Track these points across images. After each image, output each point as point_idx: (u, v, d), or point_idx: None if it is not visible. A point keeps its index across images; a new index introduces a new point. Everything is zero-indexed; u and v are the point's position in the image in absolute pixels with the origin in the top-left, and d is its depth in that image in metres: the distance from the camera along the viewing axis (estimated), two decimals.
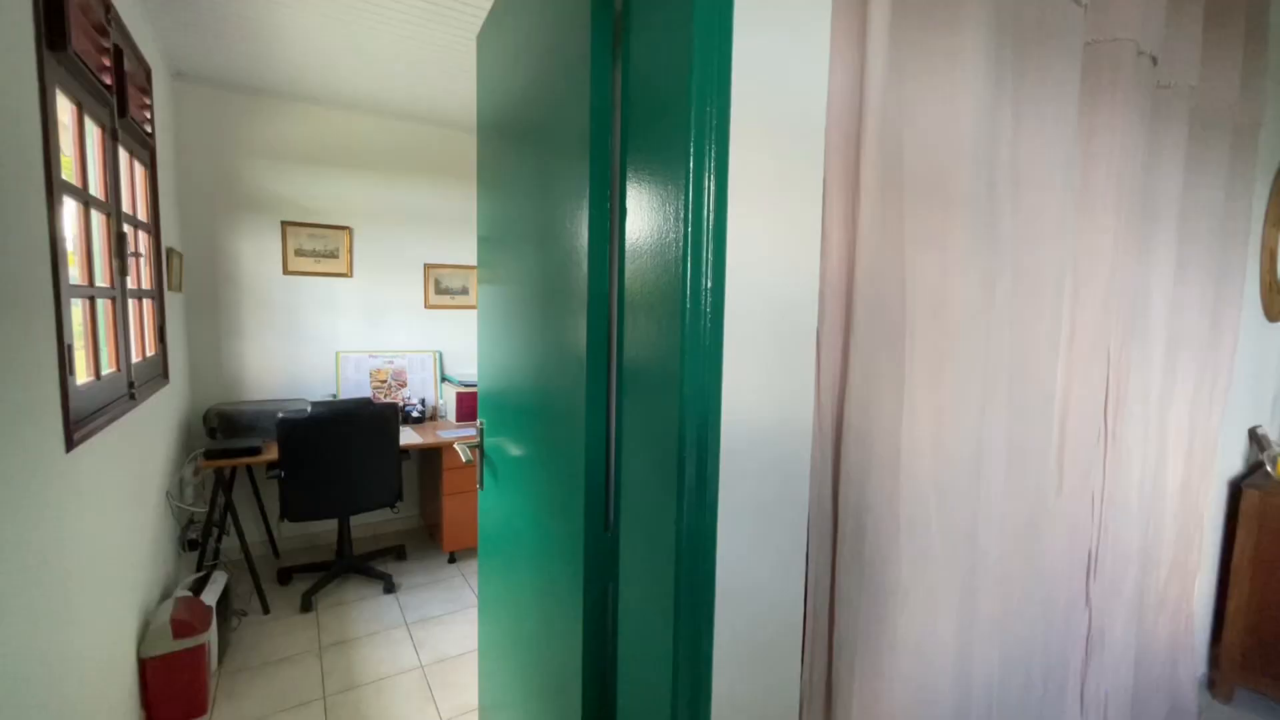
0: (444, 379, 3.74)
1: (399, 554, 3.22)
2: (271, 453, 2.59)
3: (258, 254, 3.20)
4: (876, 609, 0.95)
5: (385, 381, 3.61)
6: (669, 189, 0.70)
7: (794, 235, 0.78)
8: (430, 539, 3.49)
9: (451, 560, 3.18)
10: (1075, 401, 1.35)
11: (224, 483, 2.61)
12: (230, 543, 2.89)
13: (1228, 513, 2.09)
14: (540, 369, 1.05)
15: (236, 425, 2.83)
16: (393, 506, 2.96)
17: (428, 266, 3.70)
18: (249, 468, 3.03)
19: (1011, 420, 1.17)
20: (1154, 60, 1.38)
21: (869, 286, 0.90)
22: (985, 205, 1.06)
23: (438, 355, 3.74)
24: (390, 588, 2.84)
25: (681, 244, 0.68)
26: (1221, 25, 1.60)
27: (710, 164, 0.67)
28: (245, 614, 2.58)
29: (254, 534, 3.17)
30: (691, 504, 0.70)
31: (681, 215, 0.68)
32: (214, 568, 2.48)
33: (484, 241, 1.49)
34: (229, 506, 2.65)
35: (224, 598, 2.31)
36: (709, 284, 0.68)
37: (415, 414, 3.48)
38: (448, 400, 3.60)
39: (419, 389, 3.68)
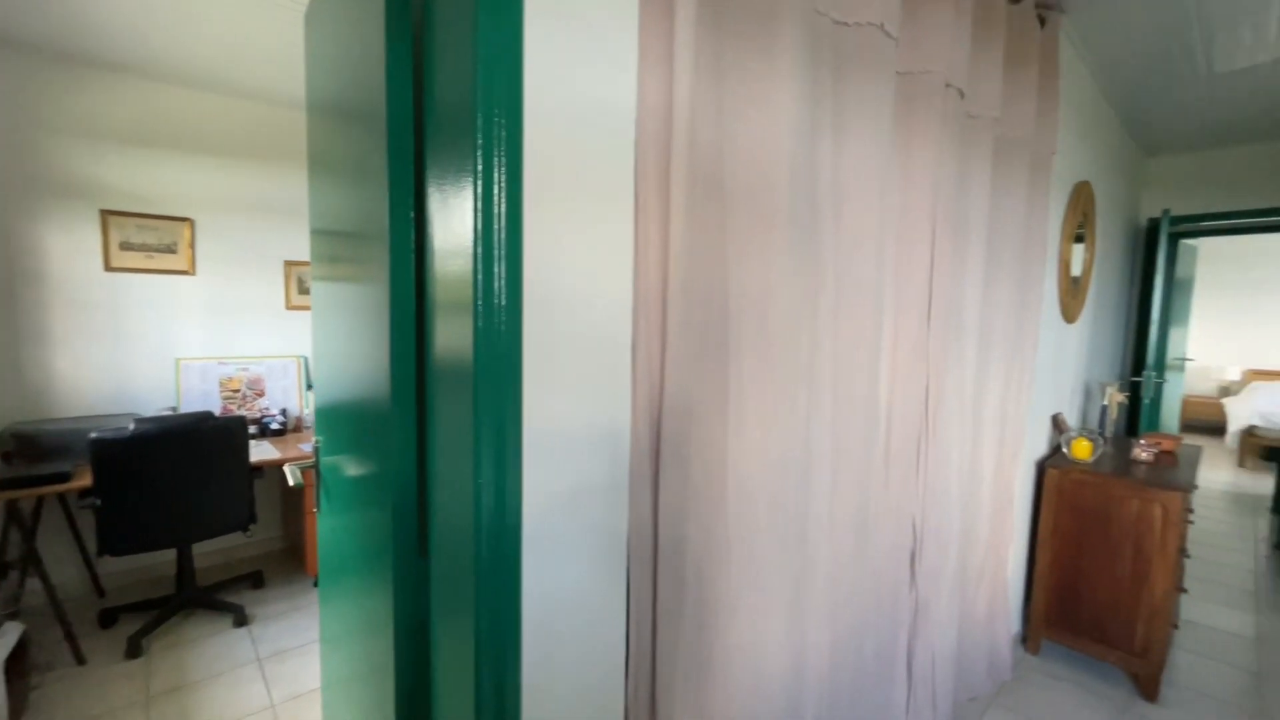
0: (309, 386, 3.44)
1: (255, 581, 2.91)
2: (85, 478, 2.24)
3: (71, 247, 2.75)
4: (704, 618, 0.98)
5: (239, 391, 3.26)
6: (462, 196, 0.67)
7: (604, 245, 0.77)
8: (293, 562, 3.20)
9: (317, 584, 2.93)
10: (899, 401, 1.48)
11: (20, 517, 2.22)
12: (37, 585, 2.47)
13: (1035, 490, 2.41)
14: (358, 379, 0.98)
15: (40, 448, 2.41)
16: (245, 530, 2.67)
17: (289, 264, 3.38)
18: (61, 496, 2.60)
19: (839, 423, 1.26)
20: (961, 93, 1.54)
21: (690, 298, 0.92)
22: (808, 220, 1.13)
23: (301, 361, 3.43)
24: (242, 620, 2.56)
25: (473, 251, 0.65)
26: (1019, 68, 1.82)
27: (500, 172, 0.65)
28: (52, 668, 2.21)
29: (70, 572, 2.73)
30: (490, 522, 0.67)
31: (472, 222, 0.65)
32: (9, 617, 2.11)
33: (315, 235, 1.36)
34: (28, 544, 2.26)
35: (18, 652, 1.96)
36: (502, 290, 0.66)
37: (275, 426, 3.17)
38: (314, 410, 3.31)
39: (280, 398, 3.36)
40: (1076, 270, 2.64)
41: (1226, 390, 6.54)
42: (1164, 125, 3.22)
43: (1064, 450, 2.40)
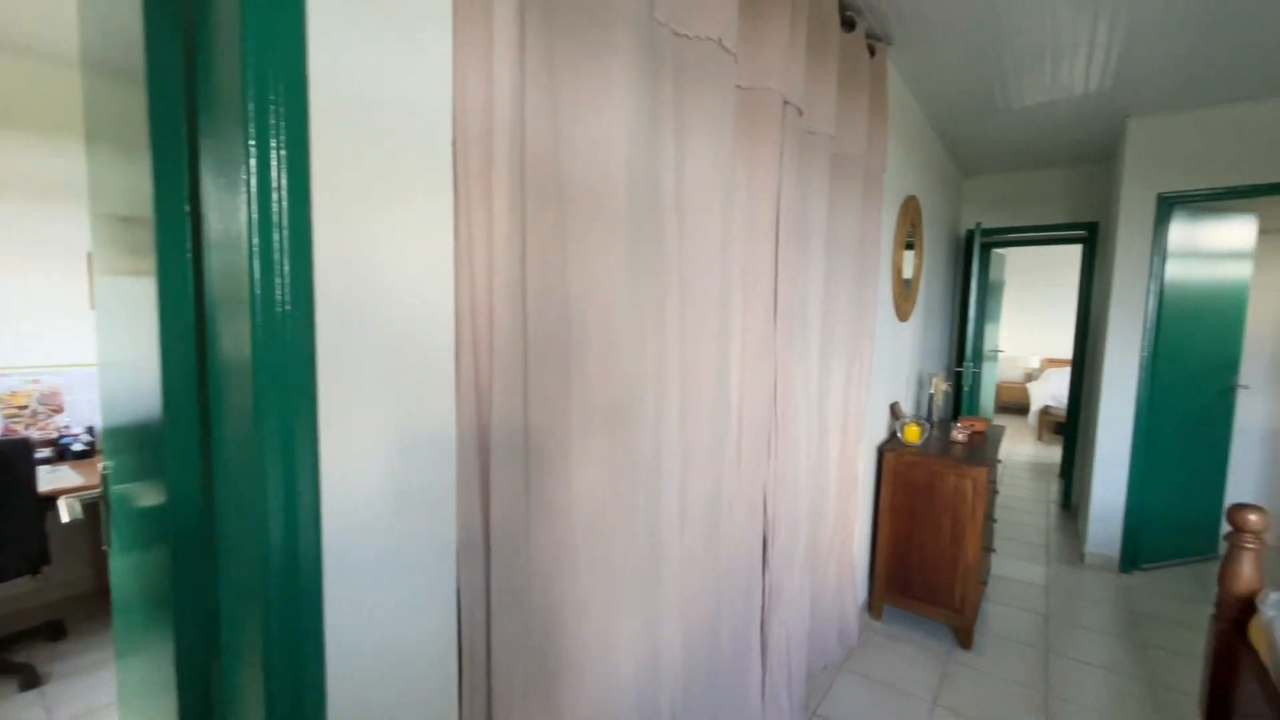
0: None
1: (53, 632, 2.45)
2: None
3: None
4: (550, 623, 0.97)
5: (26, 408, 2.72)
6: (236, 185, 0.60)
7: (419, 247, 0.73)
8: (105, 607, 2.73)
9: None
10: (749, 396, 1.58)
11: None
12: None
13: (876, 472, 2.68)
14: (139, 391, 0.84)
15: None
16: (35, 572, 2.24)
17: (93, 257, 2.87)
18: None
19: (688, 420, 1.30)
20: (799, 111, 1.66)
21: (526, 301, 0.90)
22: (653, 224, 1.15)
23: None
24: (31, 681, 2.14)
25: (249, 246, 0.58)
26: (852, 92, 2.00)
27: (279, 164, 0.59)
28: None
29: None
30: (281, 550, 0.61)
31: (246, 215, 0.58)
32: None
33: (95, 220, 1.16)
34: None
35: None
36: (286, 290, 0.59)
37: (79, 447, 2.69)
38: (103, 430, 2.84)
39: (86, 414, 2.85)
40: (908, 274, 2.97)
41: (1030, 376, 7.75)
42: (977, 149, 3.72)
43: (898, 435, 2.69)
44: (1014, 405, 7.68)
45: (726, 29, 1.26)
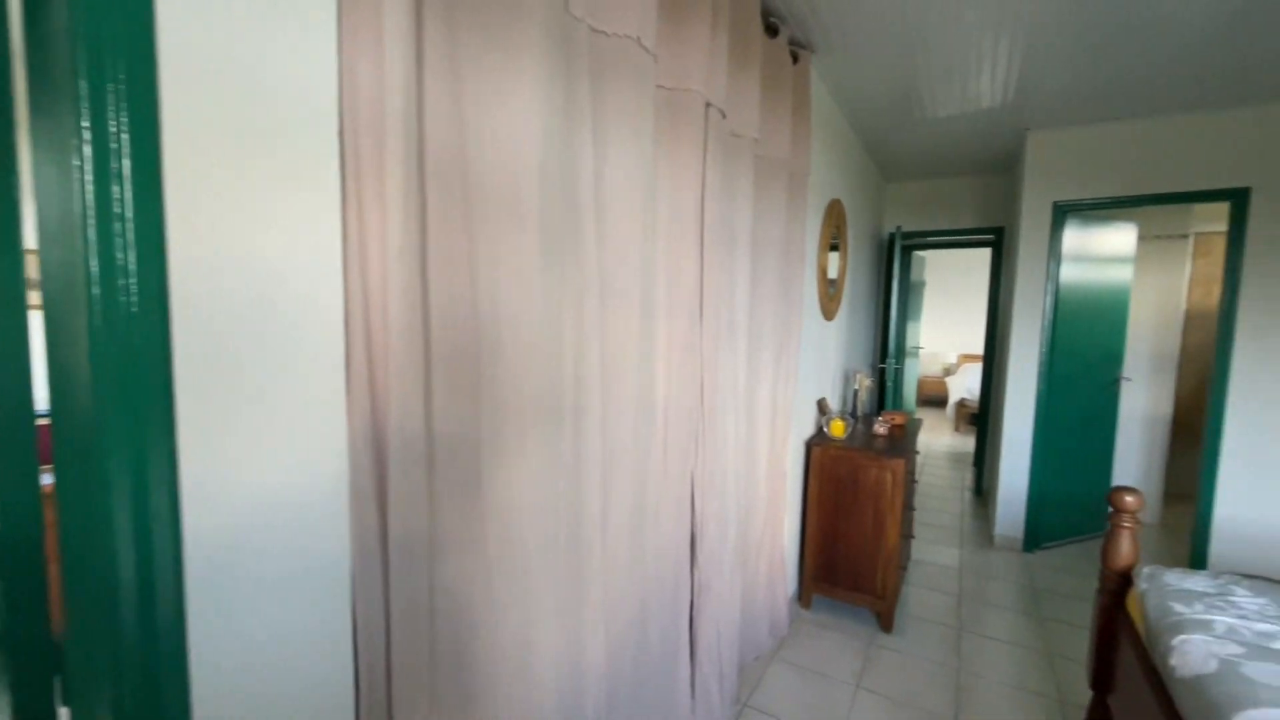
0: None
1: None
2: None
3: None
4: (462, 639, 0.93)
5: None
6: (68, 166, 0.53)
7: (296, 243, 0.68)
8: None
9: None
10: (676, 396, 1.58)
11: None
12: None
13: (805, 466, 2.77)
14: None
15: None
16: None
17: None
18: None
19: (611, 422, 1.29)
20: (723, 114, 1.68)
21: (429, 302, 0.86)
22: (571, 224, 1.13)
23: None
24: None
25: (83, 237, 0.52)
26: (776, 97, 2.05)
27: (121, 147, 0.52)
28: None
29: None
30: (136, 582, 0.55)
31: (81, 199, 0.52)
32: None
33: None
34: None
35: None
36: (131, 293, 0.53)
37: None
38: None
39: None
40: (833, 275, 3.09)
41: (948, 371, 8.26)
42: (897, 156, 3.91)
43: (825, 430, 2.79)
44: (934, 398, 8.16)
45: (644, 27, 1.25)
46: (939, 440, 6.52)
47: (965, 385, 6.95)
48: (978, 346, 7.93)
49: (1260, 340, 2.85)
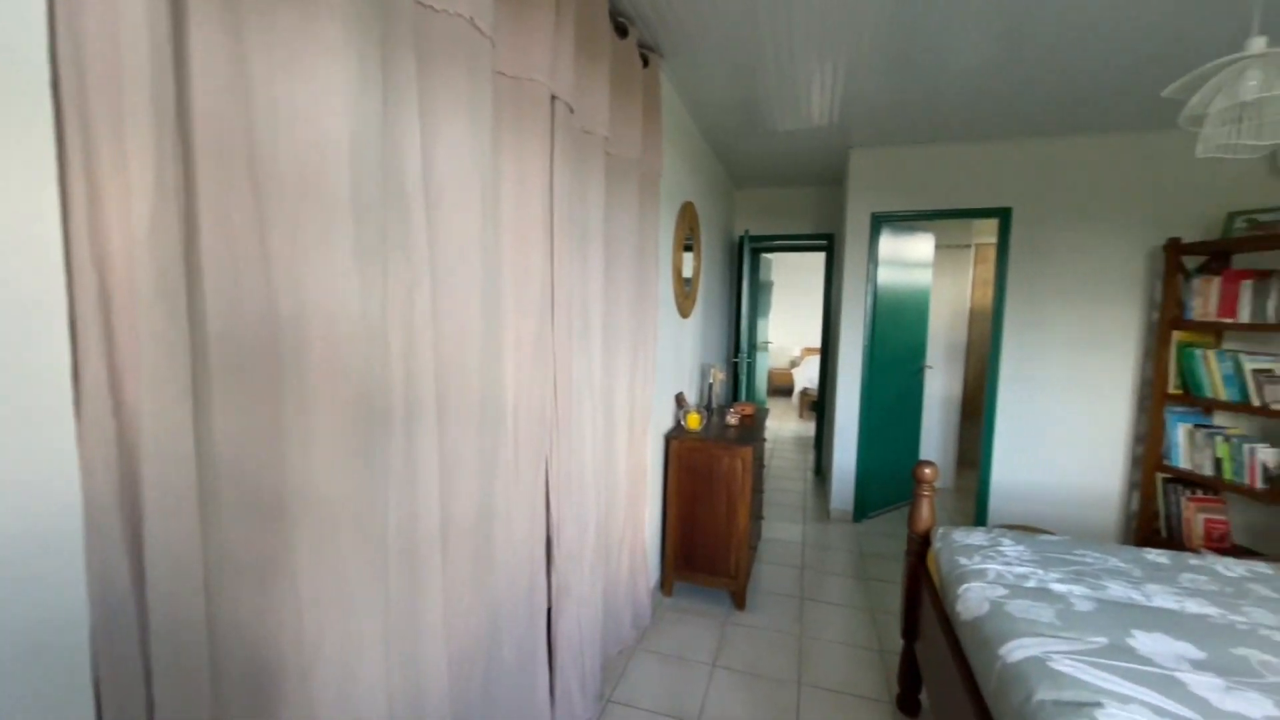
0: None
1: None
2: None
3: None
4: (258, 691, 0.80)
5: None
6: None
7: None
8: None
9: None
10: (527, 397, 1.53)
11: None
12: None
13: (665, 459, 2.86)
14: None
15: None
16: None
17: None
18: None
19: (450, 428, 1.20)
20: (570, 108, 1.65)
21: (204, 297, 0.73)
22: (396, 214, 1.03)
23: None
24: None
25: None
26: (626, 97, 2.07)
27: None
28: None
29: None
30: None
31: None
32: None
33: None
34: None
35: None
36: None
37: None
38: None
39: None
40: (688, 274, 3.22)
41: (794, 363, 9.09)
42: (745, 164, 4.19)
43: (682, 424, 2.90)
44: (783, 388, 8.93)
45: (478, 7, 1.18)
46: (786, 426, 7.15)
47: (808, 376, 7.68)
48: (818, 340, 8.83)
49: (1020, 334, 3.49)
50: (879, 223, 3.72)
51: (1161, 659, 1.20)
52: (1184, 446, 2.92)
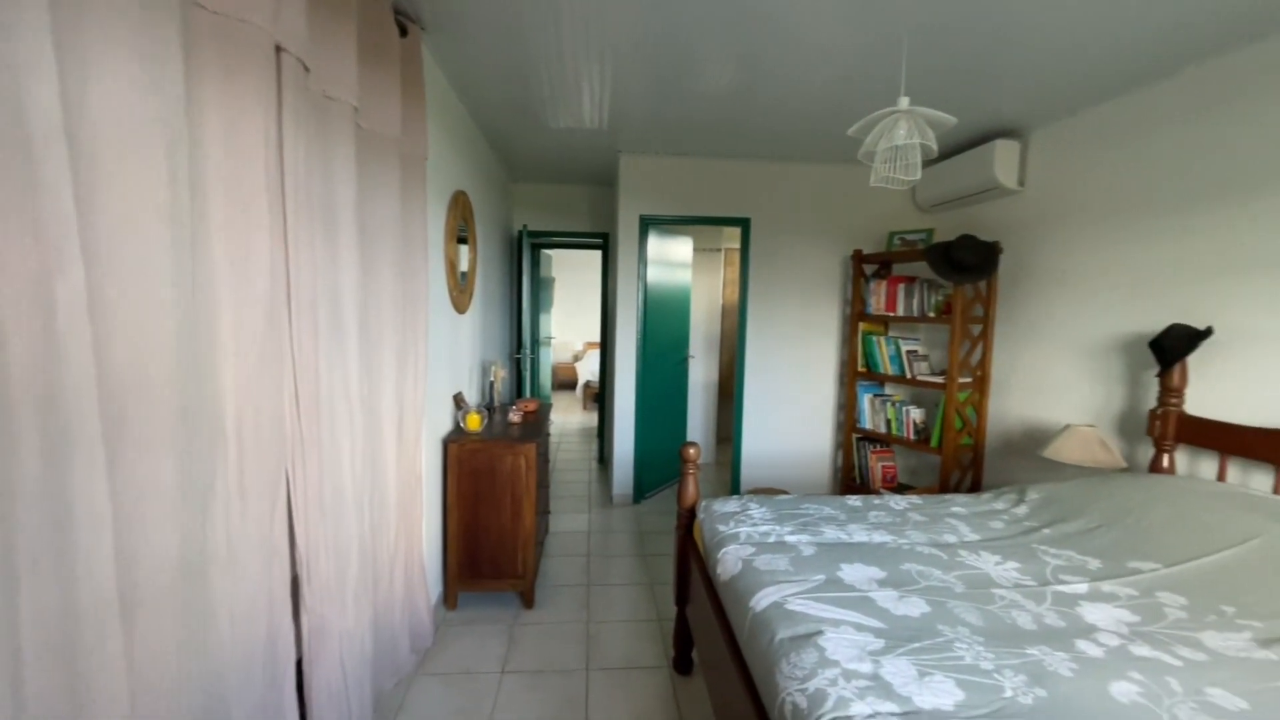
0: None
1: None
2: None
3: None
4: None
5: None
6: None
7: None
8: None
9: None
10: (254, 415, 1.25)
11: None
12: None
13: (444, 465, 2.67)
14: None
15: None
16: None
17: None
18: None
19: (129, 456, 0.92)
20: (305, 67, 1.40)
21: None
22: (16, 172, 0.74)
23: None
24: None
25: None
26: (380, 66, 1.83)
27: None
28: None
29: None
30: None
31: None
32: None
33: None
34: None
35: None
36: None
37: None
38: None
39: None
40: (464, 267, 3.04)
41: (577, 357, 9.34)
42: (523, 158, 4.12)
43: (461, 425, 2.74)
44: (567, 382, 9.12)
45: None
46: (571, 419, 7.32)
47: (590, 369, 7.98)
48: (598, 335, 9.22)
49: (760, 326, 4.11)
50: (646, 225, 4.00)
51: (859, 584, 1.52)
52: (869, 412, 3.77)
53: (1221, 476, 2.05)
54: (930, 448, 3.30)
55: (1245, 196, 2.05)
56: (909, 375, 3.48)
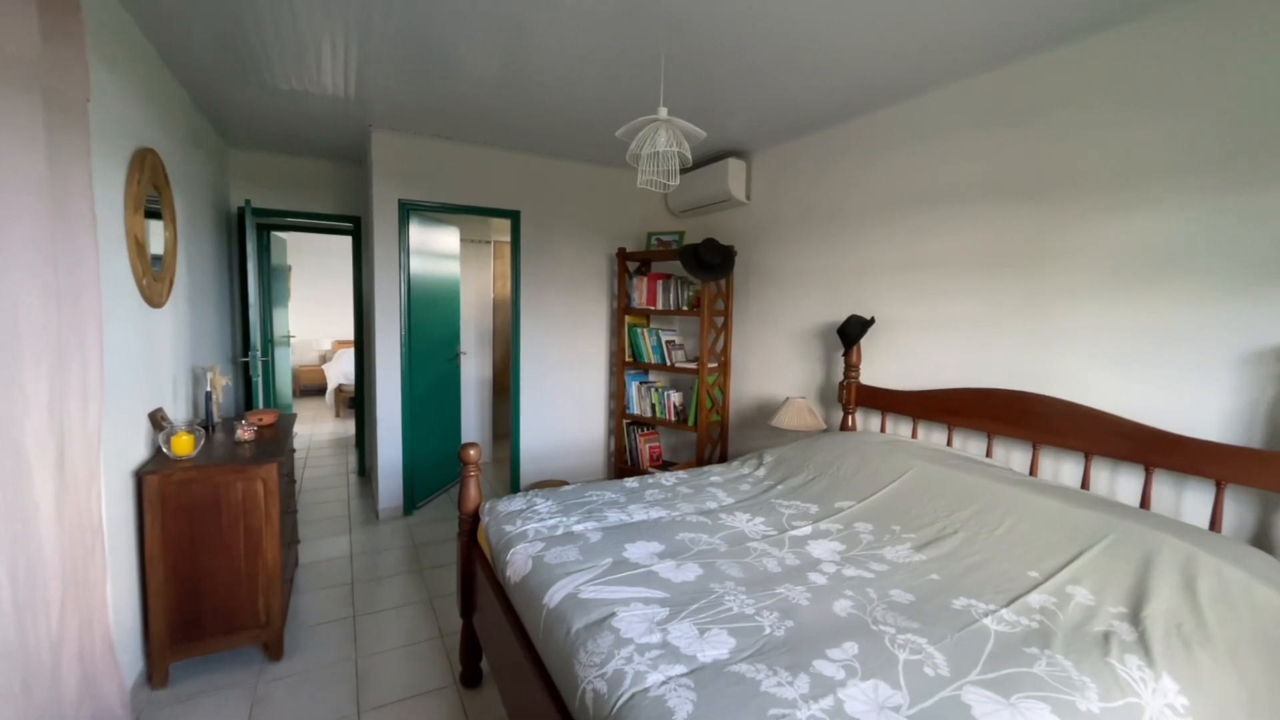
0: None
1: None
2: None
3: None
4: None
5: None
6: None
7: None
8: None
9: None
10: None
11: None
12: None
13: (138, 504, 2.06)
14: None
15: None
16: None
17: None
18: None
19: None
20: None
21: None
22: None
23: None
24: None
25: None
26: None
27: None
28: None
29: None
30: None
31: None
32: None
33: None
34: None
35: None
36: None
37: None
38: None
39: None
40: (158, 249, 2.37)
41: (324, 358, 8.12)
42: (244, 120, 3.36)
43: (165, 450, 2.15)
44: (313, 387, 7.87)
45: None
46: (322, 429, 6.35)
47: (342, 371, 7.01)
48: (350, 332, 8.15)
49: (534, 319, 4.11)
50: (407, 211, 3.66)
51: (643, 560, 1.64)
52: (636, 398, 4.08)
53: (883, 429, 2.76)
54: (688, 426, 3.73)
55: (890, 215, 2.78)
56: (669, 363, 3.87)
